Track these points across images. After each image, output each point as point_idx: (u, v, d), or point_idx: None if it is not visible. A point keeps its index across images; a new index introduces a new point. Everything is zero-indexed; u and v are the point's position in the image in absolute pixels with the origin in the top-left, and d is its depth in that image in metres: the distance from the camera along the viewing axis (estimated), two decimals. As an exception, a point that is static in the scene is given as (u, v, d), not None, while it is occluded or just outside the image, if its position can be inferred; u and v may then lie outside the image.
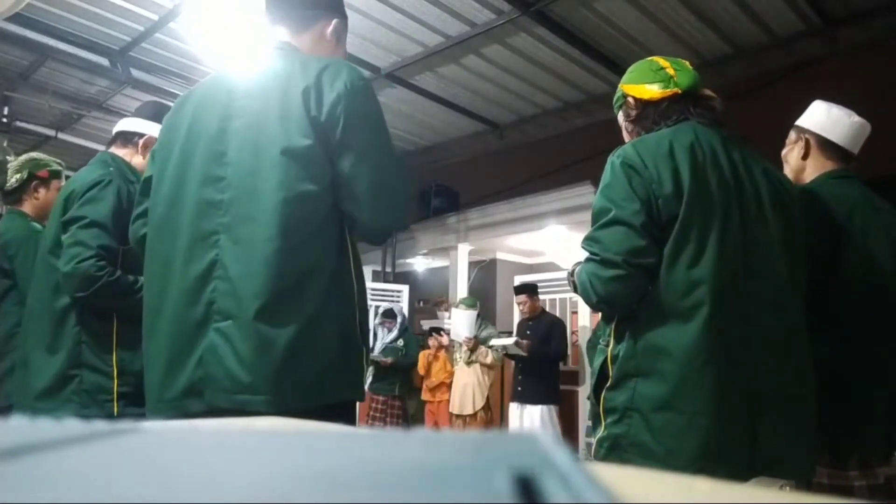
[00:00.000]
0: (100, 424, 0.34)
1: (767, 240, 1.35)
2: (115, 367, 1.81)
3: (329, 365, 1.16)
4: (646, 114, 1.49)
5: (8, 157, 3.30)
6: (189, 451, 0.29)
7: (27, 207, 2.37)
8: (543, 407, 5.02)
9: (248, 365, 1.10)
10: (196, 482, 0.23)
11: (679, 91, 1.45)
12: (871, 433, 1.58)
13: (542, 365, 5.09)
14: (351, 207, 1.23)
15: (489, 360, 5.33)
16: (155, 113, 2.05)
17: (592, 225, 1.36)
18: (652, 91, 1.48)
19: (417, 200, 7.89)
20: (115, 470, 0.25)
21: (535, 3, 4.06)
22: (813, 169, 1.79)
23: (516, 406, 5.15)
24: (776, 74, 4.86)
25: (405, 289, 7.23)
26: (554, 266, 7.26)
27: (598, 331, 1.85)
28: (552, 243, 7.30)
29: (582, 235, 1.40)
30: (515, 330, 5.50)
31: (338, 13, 1.43)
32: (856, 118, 1.78)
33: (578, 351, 5.84)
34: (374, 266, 7.99)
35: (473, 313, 5.43)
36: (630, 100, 1.53)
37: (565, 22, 4.29)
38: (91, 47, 4.67)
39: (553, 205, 6.37)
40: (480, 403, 5.32)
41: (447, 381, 5.70)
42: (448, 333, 5.83)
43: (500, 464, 0.24)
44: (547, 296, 6.05)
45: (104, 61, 4.79)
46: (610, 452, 1.31)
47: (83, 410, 1.77)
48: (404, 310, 6.35)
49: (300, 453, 0.29)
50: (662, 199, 1.29)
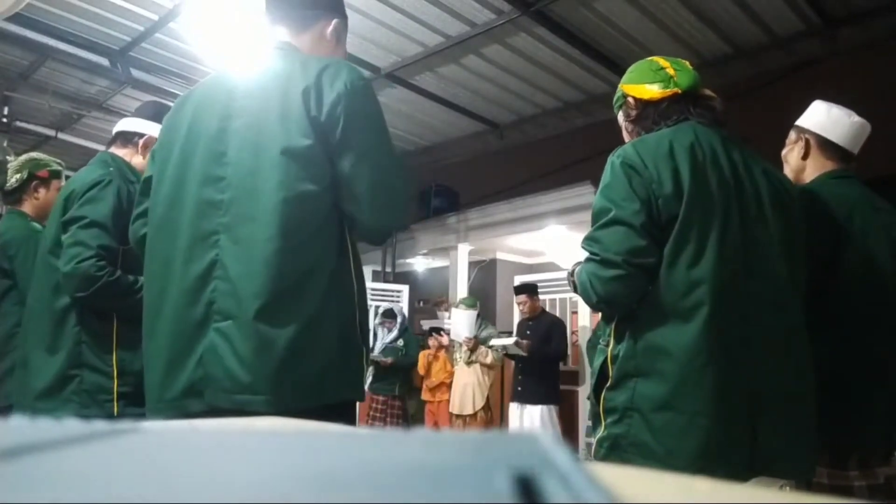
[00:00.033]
0: (100, 424, 0.34)
1: (767, 240, 1.35)
2: (116, 368, 1.81)
3: (329, 365, 1.16)
4: (646, 114, 1.49)
5: (8, 157, 3.30)
6: (189, 451, 0.29)
7: (27, 207, 2.37)
8: (543, 407, 5.02)
9: (248, 365, 1.10)
10: (196, 482, 0.23)
11: (679, 91, 1.45)
12: (871, 433, 1.58)
13: (542, 365, 5.09)
14: (351, 207, 1.23)
15: (489, 360, 5.33)
16: (155, 113, 2.05)
17: (592, 225, 1.36)
18: (652, 91, 1.48)
19: (417, 200, 7.89)
20: (115, 470, 0.25)
21: (535, 3, 4.06)
22: (813, 169, 1.79)
23: (516, 406, 5.15)
24: (776, 74, 4.85)
25: (405, 289, 7.23)
26: (554, 266, 7.26)
27: (598, 331, 1.85)
28: (552, 243, 7.30)
29: (582, 235, 1.40)
30: (515, 330, 5.50)
31: (338, 13, 1.43)
32: (856, 118, 1.78)
33: (578, 351, 5.84)
34: (374, 266, 7.99)
35: (473, 313, 5.43)
36: (630, 100, 1.53)
37: (565, 22, 4.29)
38: (91, 47, 4.67)
39: (553, 205, 6.37)
40: (480, 403, 5.31)
41: (447, 381, 5.70)
42: (448, 333, 5.83)
43: (500, 464, 0.24)
44: (547, 296, 6.05)
45: (104, 61, 4.79)
46: (610, 452, 1.31)
47: (83, 410, 1.77)
48: (404, 310, 6.35)
49: (300, 453, 0.29)
50: (662, 199, 1.29)
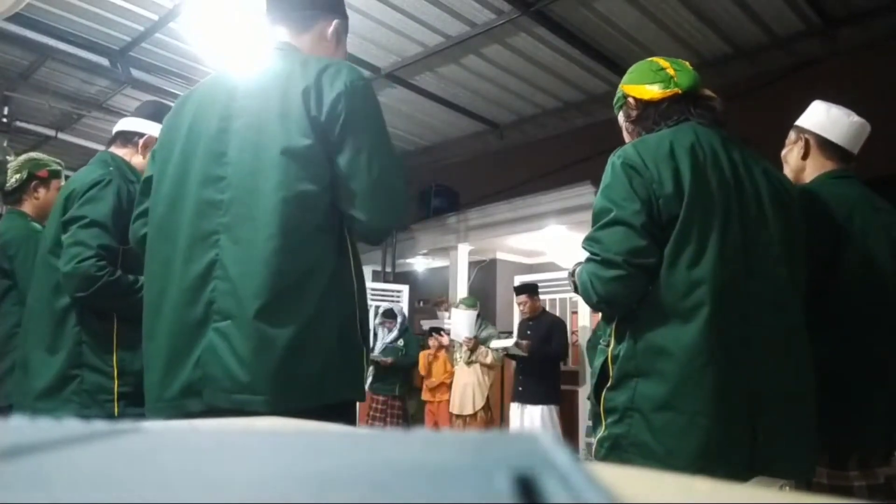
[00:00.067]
0: (100, 424, 0.34)
1: (767, 240, 1.35)
2: (116, 368, 1.81)
3: (329, 365, 1.16)
4: (646, 114, 1.49)
5: (8, 157, 3.30)
6: (189, 451, 0.29)
7: (27, 207, 2.37)
8: (544, 407, 5.02)
9: (248, 364, 1.10)
10: (196, 482, 0.23)
11: (679, 91, 1.45)
12: (871, 433, 1.58)
13: (543, 365, 5.09)
14: (350, 207, 1.22)
15: (489, 360, 5.33)
16: (155, 112, 2.05)
17: (593, 225, 1.36)
18: (652, 91, 1.48)
19: (417, 200, 7.88)
20: (115, 470, 0.25)
21: (535, 3, 4.06)
22: (813, 169, 1.79)
23: (517, 406, 5.15)
24: (776, 74, 4.85)
25: (405, 289, 7.23)
26: (554, 266, 7.26)
27: (599, 331, 1.85)
28: (552, 243, 7.30)
29: (582, 235, 1.40)
30: (516, 330, 5.50)
31: (338, 14, 1.43)
32: (855, 118, 1.78)
33: (578, 351, 5.83)
34: (374, 266, 7.98)
35: (473, 313, 5.43)
36: (630, 100, 1.53)
37: (565, 22, 4.29)
38: (91, 47, 4.67)
39: (553, 205, 6.36)
40: (480, 403, 5.31)
41: (447, 381, 5.70)
42: (448, 333, 5.83)
43: (500, 464, 0.24)
44: (547, 296, 6.04)
45: (104, 61, 4.79)
46: (610, 452, 1.31)
47: (83, 410, 1.77)
48: (404, 310, 6.34)
49: (300, 453, 0.29)
50: (663, 200, 1.29)
